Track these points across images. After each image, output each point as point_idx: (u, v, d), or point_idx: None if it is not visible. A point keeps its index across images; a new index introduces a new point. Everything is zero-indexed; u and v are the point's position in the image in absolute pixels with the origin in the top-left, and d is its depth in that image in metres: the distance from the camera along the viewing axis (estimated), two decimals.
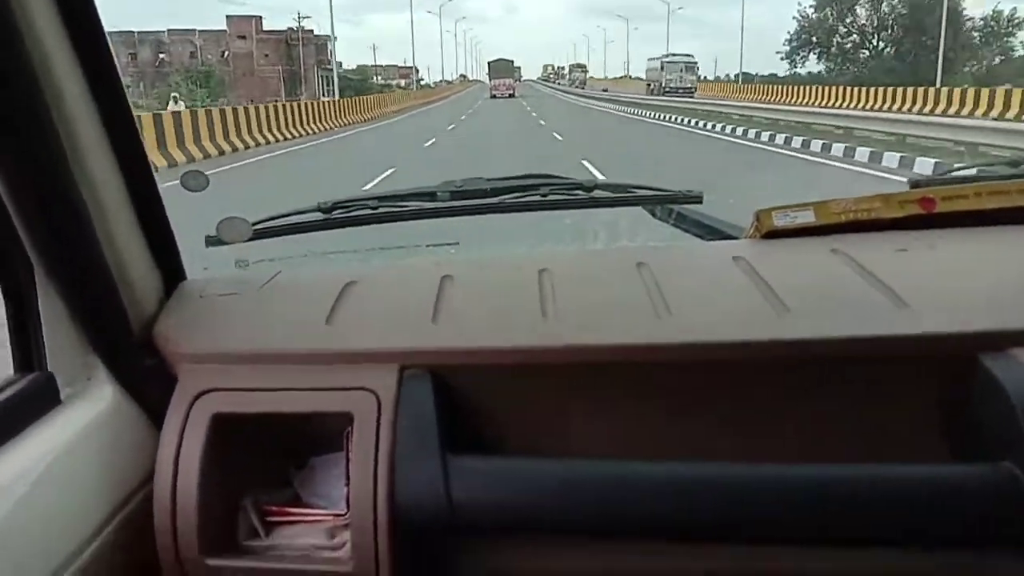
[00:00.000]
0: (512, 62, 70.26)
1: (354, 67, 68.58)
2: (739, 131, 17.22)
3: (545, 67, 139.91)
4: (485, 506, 0.80)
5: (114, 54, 0.83)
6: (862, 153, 11.83)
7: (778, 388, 0.87)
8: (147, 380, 0.90)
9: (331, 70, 58.44)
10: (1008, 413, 0.74)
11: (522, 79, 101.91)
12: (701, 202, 1.28)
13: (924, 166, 10.13)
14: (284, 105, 21.01)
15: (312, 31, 62.32)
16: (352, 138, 19.74)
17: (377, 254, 1.31)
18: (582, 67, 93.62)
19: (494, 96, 59.10)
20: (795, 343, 0.85)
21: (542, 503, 0.80)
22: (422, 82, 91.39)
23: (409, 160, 12.32)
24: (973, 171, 1.42)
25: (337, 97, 31.45)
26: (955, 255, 1.05)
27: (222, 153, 14.86)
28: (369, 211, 1.23)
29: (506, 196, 1.27)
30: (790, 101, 31.05)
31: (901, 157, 10.89)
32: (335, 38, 61.54)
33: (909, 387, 0.85)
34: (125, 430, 0.87)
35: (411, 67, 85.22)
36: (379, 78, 78.61)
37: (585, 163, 10.46)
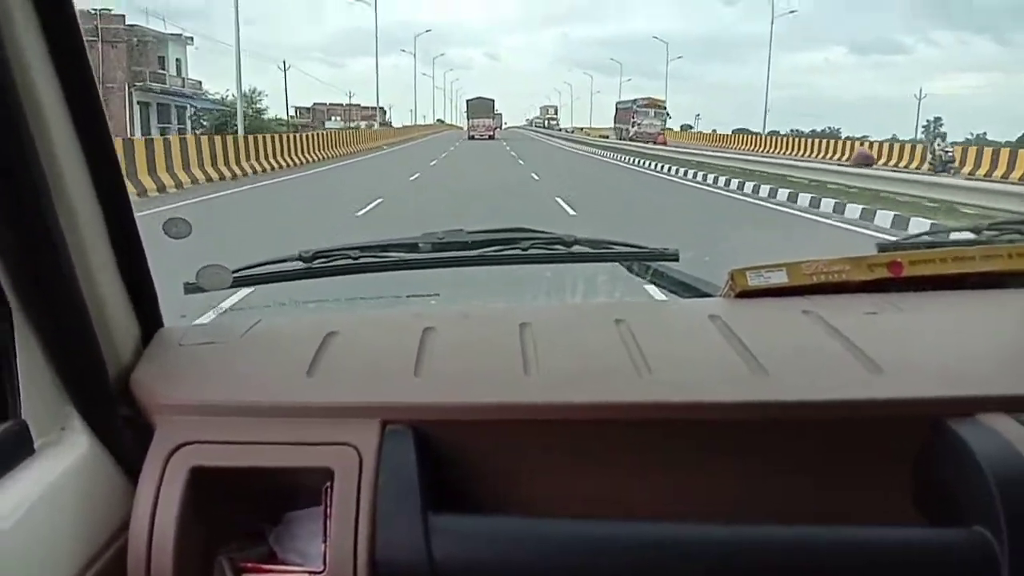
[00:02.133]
0: (492, 101, 64.14)
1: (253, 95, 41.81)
2: None
3: (544, 108, 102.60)
4: (467, 566, 0.79)
5: (101, 94, 0.83)
6: None
7: (753, 448, 0.88)
8: (123, 430, 0.89)
9: (161, 93, 36.51)
10: (978, 479, 0.76)
11: (504, 126, 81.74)
12: (677, 260, 1.31)
13: None
14: None
15: (123, 17, 36.78)
16: None
17: (358, 304, 1.31)
18: (660, 107, 51.38)
19: (472, 137, 55.43)
20: (771, 404, 0.87)
21: (524, 563, 0.80)
22: (386, 124, 75.92)
23: None
24: (938, 235, 1.48)
25: (188, 133, 20.14)
26: (923, 319, 1.08)
27: None
28: (350, 261, 1.23)
29: (487, 249, 1.28)
30: None
31: None
32: (190, 41, 40.91)
33: (881, 450, 0.87)
34: (99, 482, 0.85)
35: (377, 107, 73.79)
36: (337, 119, 66.97)
37: None
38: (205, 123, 39.96)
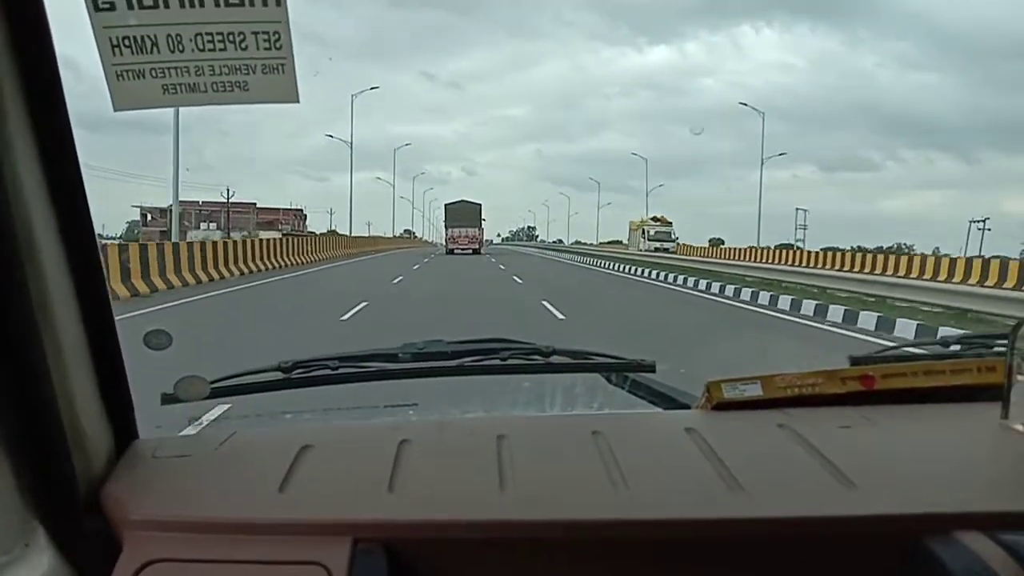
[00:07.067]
0: (479, 206, 51.35)
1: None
2: None
3: (648, 221, 51.51)
4: None
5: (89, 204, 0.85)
6: None
7: (729, 565, 0.87)
8: (89, 546, 0.86)
9: None
10: None
11: (487, 241, 65.04)
12: (654, 371, 1.33)
13: None
14: None
15: None
16: None
17: (335, 414, 1.31)
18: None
19: (451, 251, 45.64)
20: (747, 521, 0.87)
21: None
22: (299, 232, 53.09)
23: None
24: (908, 349, 1.51)
25: None
26: (895, 432, 1.09)
27: None
28: (329, 371, 1.24)
29: (466, 359, 1.30)
30: None
31: None
32: None
33: (857, 567, 0.86)
34: None
35: (298, 209, 59.04)
36: (213, 226, 50.24)
37: None
38: None
